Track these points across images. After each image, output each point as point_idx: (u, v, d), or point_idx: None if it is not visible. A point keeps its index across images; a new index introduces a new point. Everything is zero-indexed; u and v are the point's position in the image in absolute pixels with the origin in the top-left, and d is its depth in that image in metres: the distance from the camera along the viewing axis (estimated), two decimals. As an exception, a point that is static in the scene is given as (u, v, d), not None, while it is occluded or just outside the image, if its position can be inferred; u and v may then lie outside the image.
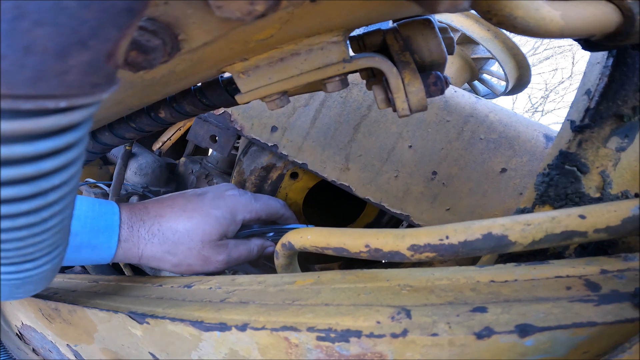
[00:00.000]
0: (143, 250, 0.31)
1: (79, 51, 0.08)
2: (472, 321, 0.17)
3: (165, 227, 0.32)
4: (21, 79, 0.08)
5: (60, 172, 0.11)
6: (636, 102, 0.24)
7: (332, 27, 0.21)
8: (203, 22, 0.14)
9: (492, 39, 0.76)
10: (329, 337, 0.18)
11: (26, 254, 0.14)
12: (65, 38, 0.08)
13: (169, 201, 0.34)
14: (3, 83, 0.08)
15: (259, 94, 0.24)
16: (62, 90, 0.09)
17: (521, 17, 0.16)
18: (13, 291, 0.17)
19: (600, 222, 0.18)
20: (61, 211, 0.13)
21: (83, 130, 0.11)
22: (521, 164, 0.39)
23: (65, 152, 0.11)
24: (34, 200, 0.11)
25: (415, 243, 0.20)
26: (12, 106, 0.08)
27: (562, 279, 0.19)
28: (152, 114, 0.32)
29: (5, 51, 0.07)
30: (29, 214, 0.12)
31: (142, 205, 0.33)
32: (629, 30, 0.18)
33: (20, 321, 0.44)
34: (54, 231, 0.14)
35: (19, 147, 0.09)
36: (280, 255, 0.30)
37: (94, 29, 0.08)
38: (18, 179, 0.10)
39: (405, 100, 0.22)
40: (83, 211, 0.29)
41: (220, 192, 0.36)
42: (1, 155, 0.09)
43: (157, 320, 0.25)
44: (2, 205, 0.11)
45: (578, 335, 0.17)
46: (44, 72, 0.08)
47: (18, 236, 0.12)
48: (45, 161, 0.11)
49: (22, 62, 0.08)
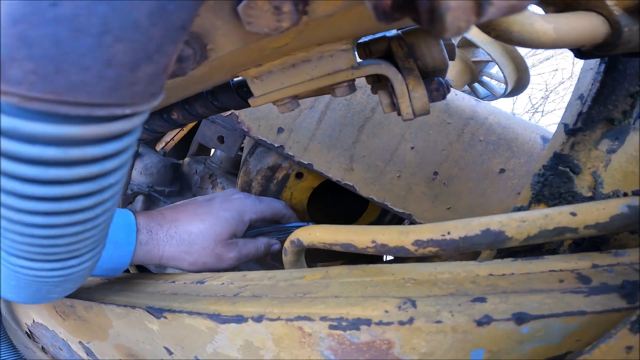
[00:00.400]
0: (163, 251, 0.35)
1: (146, 65, 0.09)
2: (473, 310, 0.18)
3: (182, 230, 0.35)
4: (100, 89, 0.09)
5: (116, 171, 0.13)
6: (626, 106, 0.25)
7: (342, 36, 0.22)
8: (230, 34, 0.15)
9: (492, 42, 0.77)
10: (340, 326, 0.19)
11: (74, 249, 0.15)
12: (137, 53, 0.09)
13: (182, 207, 0.37)
14: (84, 93, 0.09)
15: (271, 98, 0.25)
16: (130, 99, 0.10)
17: (517, 32, 0.18)
18: (51, 290, 0.18)
19: (590, 219, 0.19)
20: (109, 209, 0.14)
21: (137, 134, 0.12)
22: (519, 165, 0.40)
23: (123, 153, 0.12)
24: (94, 197, 0.13)
25: (419, 238, 0.22)
26: (89, 113, 0.10)
27: (556, 272, 0.21)
28: (165, 115, 0.34)
29: (89, 63, 0.09)
30: (87, 210, 0.13)
31: (158, 211, 0.37)
32: (617, 41, 0.19)
33: (31, 319, 0.45)
34: (101, 228, 0.15)
35: (90, 149, 0.11)
36: (289, 252, 0.31)
37: (158, 44, 0.09)
38: (85, 177, 0.12)
39: (409, 105, 0.24)
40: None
41: (227, 196, 0.40)
42: (74, 156, 0.11)
43: (174, 315, 0.26)
44: (67, 201, 0.12)
45: (570, 323, 0.18)
46: (118, 83, 0.09)
47: (72, 232, 0.14)
48: (108, 161, 0.12)
49: (102, 74, 0.09)
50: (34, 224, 0.12)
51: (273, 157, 0.47)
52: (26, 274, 0.16)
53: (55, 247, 0.14)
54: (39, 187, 0.11)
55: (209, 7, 0.14)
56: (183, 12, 0.09)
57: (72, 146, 0.10)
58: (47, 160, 0.11)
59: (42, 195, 0.11)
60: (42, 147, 0.10)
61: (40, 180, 0.11)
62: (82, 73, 0.09)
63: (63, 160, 0.11)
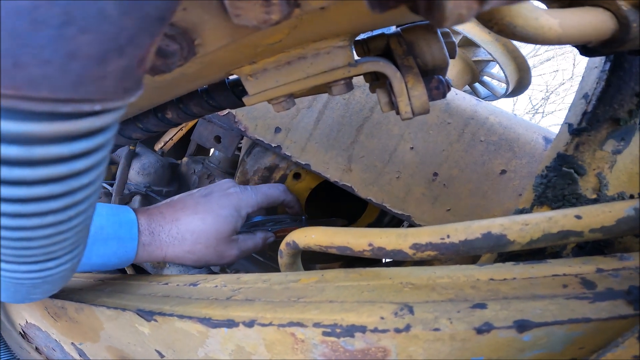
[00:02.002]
0: (166, 252, 0.35)
1: (117, 57, 0.09)
2: (472, 317, 0.17)
3: (183, 230, 0.35)
4: (64, 83, 0.08)
5: (89, 172, 0.12)
6: (632, 105, 0.25)
7: (338, 32, 0.21)
8: (219, 28, 0.14)
9: (493, 41, 0.77)
10: (334, 333, 0.18)
11: (50, 252, 0.14)
12: (105, 45, 0.08)
13: (180, 204, 0.37)
14: (47, 87, 0.08)
15: (266, 97, 0.24)
16: (99, 94, 0.09)
17: (521, 26, 0.17)
18: (30, 291, 0.18)
19: (595, 222, 0.18)
20: (86, 210, 0.14)
21: (111, 132, 0.12)
22: (521, 166, 0.40)
23: (95, 153, 0.12)
24: (64, 198, 0.12)
25: (418, 242, 0.21)
26: (53, 109, 0.09)
27: (559, 277, 0.20)
28: (159, 114, 0.33)
29: (50, 56, 0.08)
30: (58, 212, 0.12)
31: (157, 210, 0.36)
32: (625, 38, 0.19)
33: (24, 320, 0.45)
34: (77, 230, 0.14)
35: (55, 148, 0.10)
36: (284, 254, 0.31)
37: (131, 36, 0.09)
38: (52, 178, 0.11)
39: (408, 104, 0.23)
40: (104, 209, 0.32)
41: (224, 190, 0.40)
42: (38, 155, 0.10)
43: (164, 318, 0.26)
44: (34, 203, 0.11)
45: (574, 331, 0.17)
46: (84, 77, 0.09)
47: (45, 234, 0.13)
48: (77, 161, 0.11)
49: (66, 68, 0.08)
50: (3, 225, 0.12)
51: (270, 157, 0.47)
52: (3, 276, 0.15)
53: (29, 250, 0.14)
54: (3, 188, 0.11)
55: (196, 0, 0.13)
56: (160, 2, 0.09)
57: (36, 145, 0.10)
58: (10, 160, 0.10)
59: (7, 196, 0.11)
60: (4, 146, 0.09)
61: (3, 181, 0.10)
62: (43, 67, 0.08)
63: (27, 160, 0.10)
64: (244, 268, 0.58)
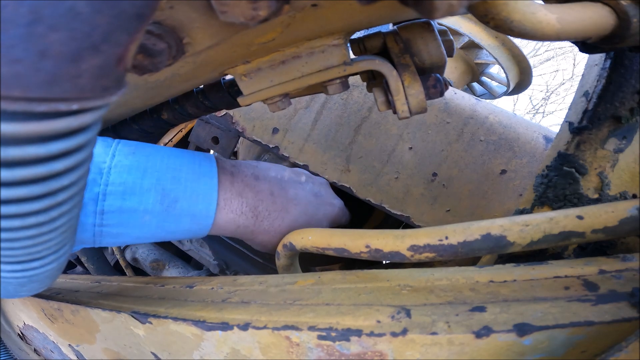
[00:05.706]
0: (255, 237, 0.31)
1: (92, 55, 0.08)
2: (471, 320, 0.17)
3: (285, 225, 0.31)
4: (36, 82, 0.08)
5: (69, 172, 0.12)
6: (634, 103, 0.24)
7: (333, 30, 0.21)
8: (207, 26, 0.14)
9: (499, 46, 0.76)
10: (329, 336, 0.18)
11: (34, 252, 0.14)
12: (78, 43, 0.08)
13: (292, 191, 0.32)
14: (18, 86, 0.08)
15: (261, 96, 0.24)
16: (75, 93, 0.09)
17: (518, 21, 0.16)
18: (18, 289, 0.18)
19: (597, 222, 0.18)
20: (69, 211, 0.13)
21: (93, 132, 0.11)
22: (521, 166, 0.39)
23: (75, 154, 0.11)
24: (44, 200, 0.12)
25: (415, 243, 0.20)
26: (26, 108, 0.09)
27: (561, 279, 0.19)
28: (155, 115, 0.33)
29: (21, 55, 0.08)
30: (39, 214, 0.12)
31: (267, 188, 0.31)
32: (625, 33, 0.18)
33: (22, 321, 0.45)
34: (62, 230, 0.14)
35: (32, 149, 0.10)
36: (281, 256, 0.30)
37: (105, 34, 0.08)
38: (30, 179, 0.11)
39: (405, 103, 0.23)
40: (184, 173, 0.28)
41: (330, 198, 0.35)
42: (14, 156, 0.10)
43: (159, 320, 0.25)
44: (13, 204, 0.11)
45: (576, 334, 0.17)
46: (58, 75, 0.08)
47: (27, 235, 0.13)
48: (56, 162, 0.11)
49: (37, 66, 0.08)
50: None
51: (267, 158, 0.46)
52: None
53: (12, 250, 0.13)
54: None
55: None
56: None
57: (12, 145, 0.09)
58: None
59: None
60: None
61: None
62: (14, 65, 0.08)
63: (3, 161, 0.10)
64: (243, 269, 0.58)
